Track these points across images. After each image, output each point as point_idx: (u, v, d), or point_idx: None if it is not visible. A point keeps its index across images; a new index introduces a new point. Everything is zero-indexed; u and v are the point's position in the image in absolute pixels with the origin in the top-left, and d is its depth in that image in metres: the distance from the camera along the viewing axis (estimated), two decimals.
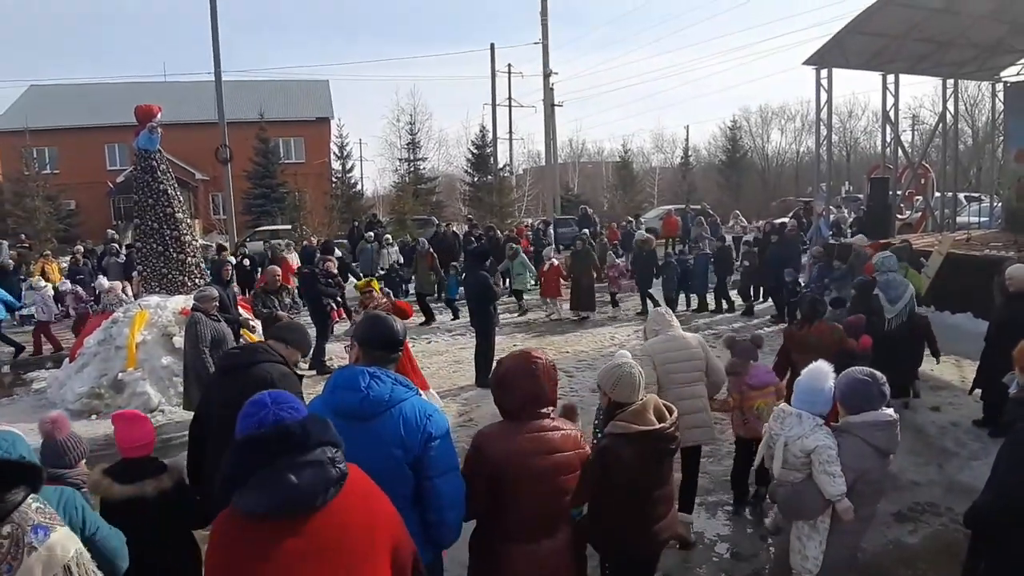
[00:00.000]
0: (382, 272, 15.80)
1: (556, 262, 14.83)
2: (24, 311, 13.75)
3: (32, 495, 1.90)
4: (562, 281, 14.55)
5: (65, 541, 1.88)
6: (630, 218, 24.88)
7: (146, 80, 39.69)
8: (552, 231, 23.92)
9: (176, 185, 10.41)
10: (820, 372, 3.72)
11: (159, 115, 10.18)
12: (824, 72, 16.03)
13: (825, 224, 17.39)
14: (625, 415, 3.21)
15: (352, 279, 14.73)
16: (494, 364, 3.58)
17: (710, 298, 14.49)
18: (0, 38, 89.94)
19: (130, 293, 12.98)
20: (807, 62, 15.92)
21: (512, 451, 2.79)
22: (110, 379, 9.22)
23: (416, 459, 2.62)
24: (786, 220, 19.65)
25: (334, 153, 39.74)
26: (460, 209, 41.06)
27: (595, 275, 14.28)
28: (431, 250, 14.72)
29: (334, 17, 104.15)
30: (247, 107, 34.30)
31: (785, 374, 6.00)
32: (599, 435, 3.82)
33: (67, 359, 10.41)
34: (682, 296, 14.55)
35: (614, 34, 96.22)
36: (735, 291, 14.74)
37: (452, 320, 14.01)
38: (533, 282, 15.39)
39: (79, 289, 13.47)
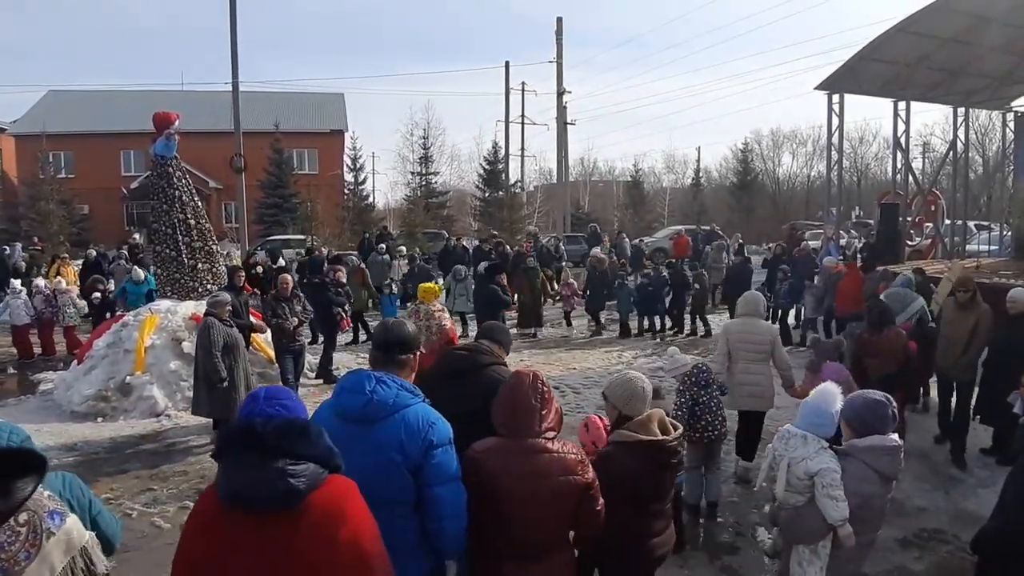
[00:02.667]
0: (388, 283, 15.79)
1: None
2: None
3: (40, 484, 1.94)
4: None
5: (79, 525, 1.95)
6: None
7: (163, 88, 40.25)
8: (563, 247, 23.95)
9: (192, 192, 10.51)
10: (829, 394, 3.68)
11: (176, 122, 10.30)
12: (836, 97, 16.10)
13: (835, 248, 17.38)
14: (631, 424, 3.23)
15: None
16: None
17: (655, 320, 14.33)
18: (21, 44, 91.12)
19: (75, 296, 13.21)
20: (819, 87, 16.00)
21: (500, 469, 2.73)
22: (118, 382, 9.24)
23: (416, 466, 2.60)
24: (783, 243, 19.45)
25: (347, 165, 40.03)
26: (470, 224, 41.19)
27: (543, 292, 14.59)
28: (362, 267, 14.55)
29: (351, 32, 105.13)
30: (262, 118, 34.58)
31: (864, 379, 6.05)
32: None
33: (75, 361, 10.45)
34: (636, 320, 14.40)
35: (628, 55, 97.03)
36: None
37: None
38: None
39: (47, 291, 13.29)
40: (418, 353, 2.99)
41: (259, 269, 14.49)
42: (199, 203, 10.71)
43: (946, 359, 7.07)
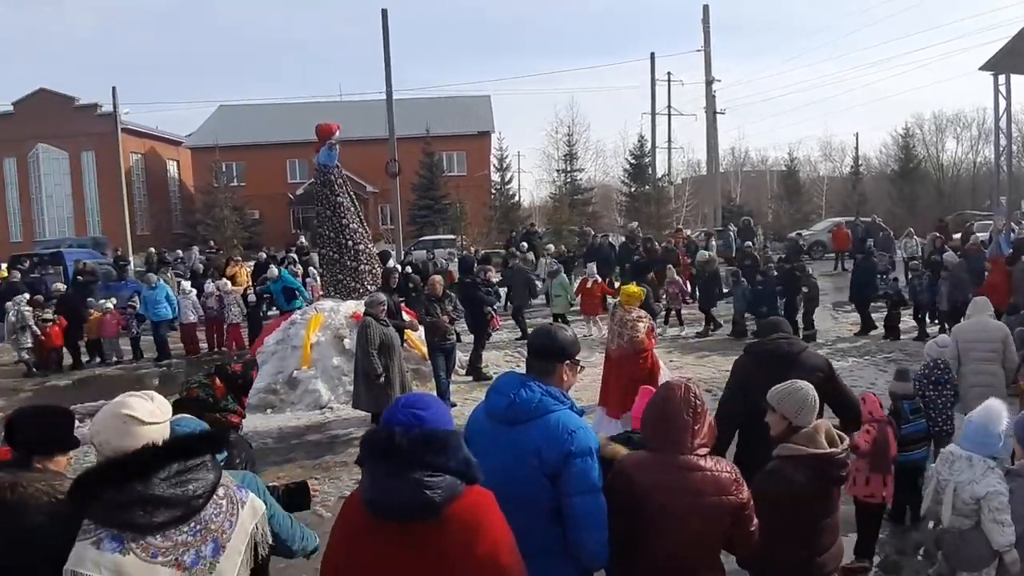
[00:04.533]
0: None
1: (598, 279, 14.20)
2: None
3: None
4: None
5: (256, 496, 2.14)
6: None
7: (323, 100, 42.80)
8: (714, 243, 23.14)
9: (352, 197, 11.05)
10: (993, 411, 3.44)
11: (337, 133, 10.88)
12: (1002, 78, 14.54)
13: (1006, 241, 15.54)
14: (797, 437, 3.06)
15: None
16: None
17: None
18: (193, 63, 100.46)
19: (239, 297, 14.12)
20: (983, 67, 14.55)
21: (651, 484, 2.62)
22: (285, 376, 9.89)
23: (555, 473, 2.56)
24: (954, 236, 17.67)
25: (494, 165, 40.86)
26: (616, 220, 40.79)
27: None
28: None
29: (497, 35, 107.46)
30: (414, 123, 35.96)
31: None
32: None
33: (247, 356, 11.27)
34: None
35: (779, 39, 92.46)
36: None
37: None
38: (572, 304, 14.40)
39: (215, 292, 14.37)
40: (571, 362, 2.86)
41: (408, 269, 15.02)
42: (359, 207, 11.23)
43: None
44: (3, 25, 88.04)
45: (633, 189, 39.48)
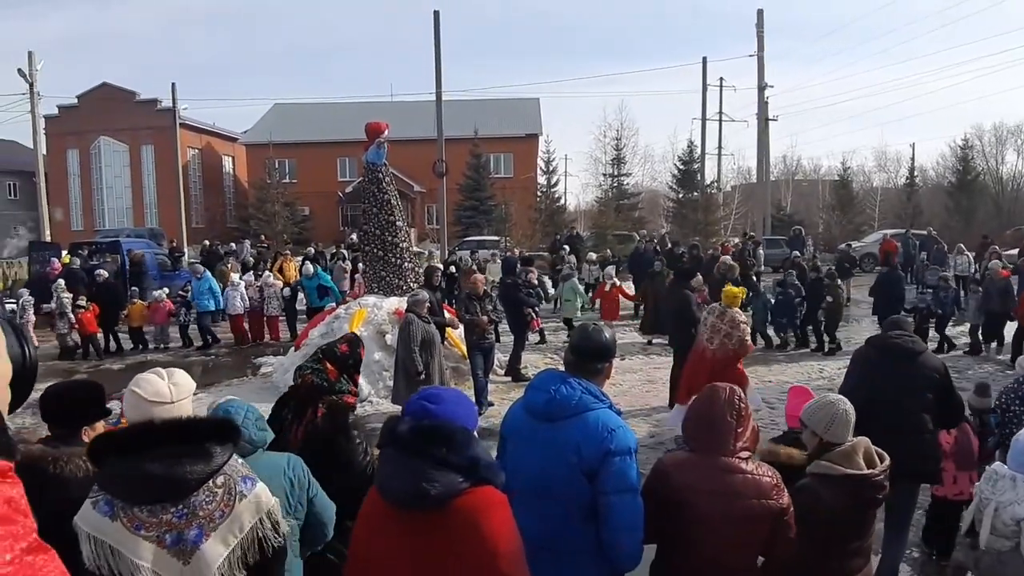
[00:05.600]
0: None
1: (618, 283, 14.11)
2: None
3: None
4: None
5: (266, 491, 2.12)
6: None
7: (374, 100, 43.32)
8: (762, 252, 22.80)
9: (397, 196, 11.20)
10: None
11: (386, 132, 11.03)
12: None
13: None
14: (832, 455, 2.96)
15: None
16: None
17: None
18: (250, 63, 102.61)
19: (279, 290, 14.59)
20: None
21: (689, 484, 2.61)
22: None
23: (592, 471, 2.56)
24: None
25: (540, 168, 40.81)
26: (662, 225, 40.41)
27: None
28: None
29: (544, 34, 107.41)
30: (463, 124, 36.20)
31: None
32: None
33: (292, 347, 11.52)
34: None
35: (834, 45, 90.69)
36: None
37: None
38: (581, 310, 14.33)
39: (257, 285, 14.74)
40: (612, 362, 2.90)
41: (452, 269, 15.14)
42: (404, 206, 11.39)
43: None
44: (69, 22, 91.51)
45: (681, 195, 39.07)
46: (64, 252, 18.86)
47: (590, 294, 15.17)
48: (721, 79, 34.14)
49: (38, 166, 26.76)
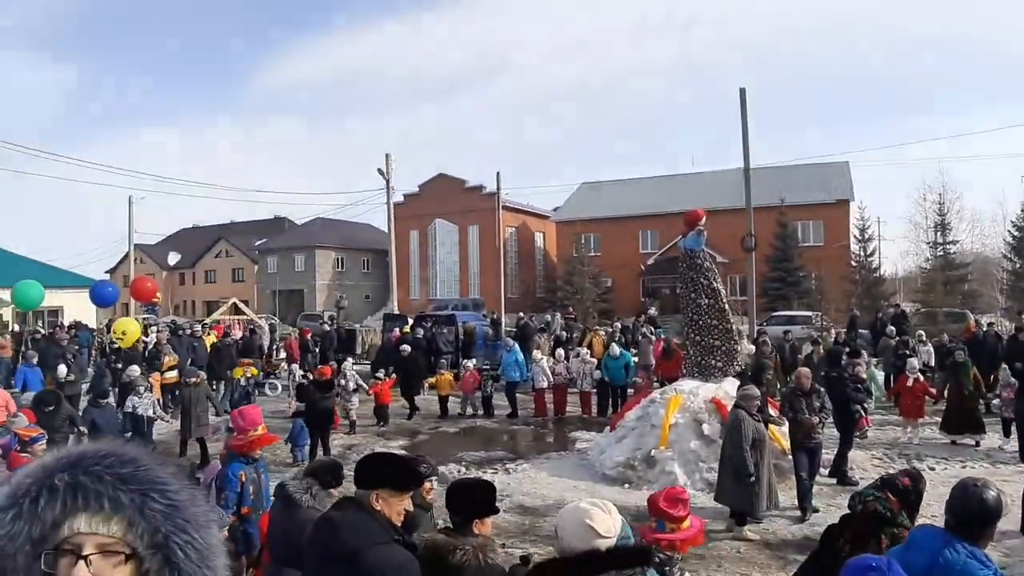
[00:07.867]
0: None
1: (919, 376, 12.38)
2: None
3: None
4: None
5: None
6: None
7: (675, 174, 44.07)
8: None
9: (718, 278, 11.27)
10: None
11: (704, 219, 11.22)
12: None
13: None
14: None
15: None
16: None
17: None
18: (562, 150, 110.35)
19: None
20: None
21: None
22: (643, 454, 10.21)
23: None
24: None
25: (854, 236, 37.80)
26: (997, 299, 34.90)
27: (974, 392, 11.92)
28: None
29: (856, 99, 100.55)
30: (767, 192, 35.06)
31: None
32: None
33: (608, 428, 11.94)
34: None
35: None
36: None
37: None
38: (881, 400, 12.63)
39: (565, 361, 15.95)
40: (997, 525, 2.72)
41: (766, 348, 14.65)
42: (721, 288, 11.39)
43: None
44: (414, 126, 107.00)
45: (1019, 265, 33.56)
46: (410, 321, 21.69)
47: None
48: None
49: (391, 248, 31.08)
